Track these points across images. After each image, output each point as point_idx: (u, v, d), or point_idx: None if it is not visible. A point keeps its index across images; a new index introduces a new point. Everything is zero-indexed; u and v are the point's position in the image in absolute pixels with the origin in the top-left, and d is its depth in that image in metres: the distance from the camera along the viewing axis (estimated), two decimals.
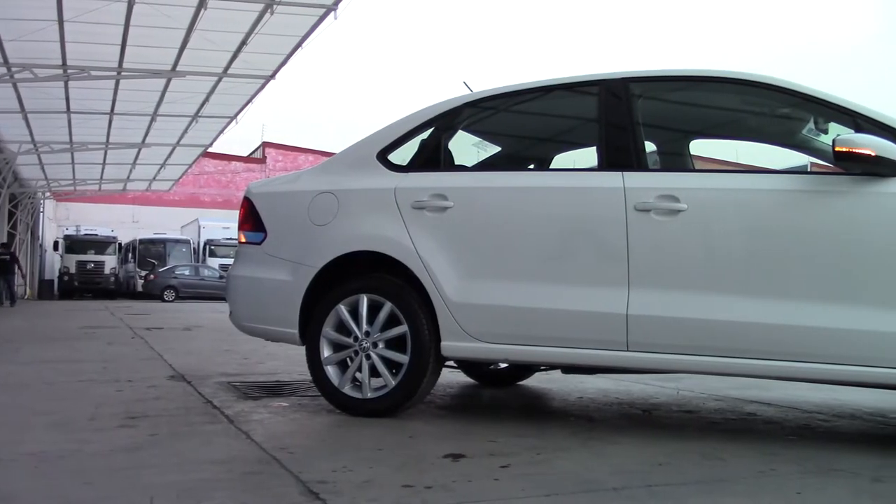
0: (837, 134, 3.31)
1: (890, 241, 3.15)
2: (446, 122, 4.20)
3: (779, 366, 3.27)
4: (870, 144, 3.13)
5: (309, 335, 4.06)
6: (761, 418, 4.06)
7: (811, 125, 3.91)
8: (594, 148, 3.97)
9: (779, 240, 3.32)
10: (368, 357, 3.90)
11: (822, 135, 3.85)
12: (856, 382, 3.28)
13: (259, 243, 4.35)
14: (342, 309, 3.98)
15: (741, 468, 2.92)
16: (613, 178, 3.60)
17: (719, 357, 3.34)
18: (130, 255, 34.79)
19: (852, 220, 3.23)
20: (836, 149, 3.18)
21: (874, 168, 3.17)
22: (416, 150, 4.22)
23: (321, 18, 14.24)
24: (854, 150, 3.14)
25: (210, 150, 27.67)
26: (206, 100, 19.28)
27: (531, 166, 4.96)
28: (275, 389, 4.89)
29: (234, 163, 43.82)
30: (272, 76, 17.53)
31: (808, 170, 4.17)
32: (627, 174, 3.59)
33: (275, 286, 4.19)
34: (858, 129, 3.31)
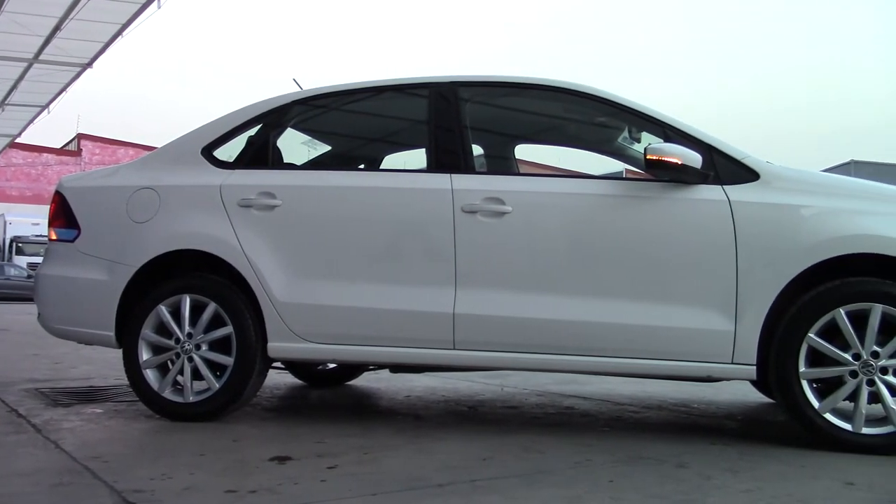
0: (649, 143, 3.53)
1: (694, 243, 3.39)
2: (275, 119, 4.13)
3: (596, 361, 3.44)
4: (677, 153, 3.36)
5: (126, 337, 3.87)
6: (578, 411, 4.26)
7: (626, 134, 4.16)
8: (423, 149, 4.03)
9: (596, 241, 3.50)
10: (191, 359, 3.77)
11: (636, 143, 4.10)
12: (667, 376, 3.51)
13: (72, 241, 4.10)
14: (163, 310, 3.82)
15: (559, 460, 3.05)
16: (441, 180, 3.67)
17: (541, 354, 3.48)
18: None
19: (661, 223, 3.45)
20: (647, 157, 3.38)
21: (680, 176, 3.40)
22: (243, 146, 4.12)
23: (143, 6, 13.62)
24: (663, 159, 3.35)
25: (18, 140, 25.80)
26: (15, 87, 17.97)
27: (361, 166, 4.97)
28: (88, 395, 4.61)
29: (45, 155, 40.97)
30: (89, 64, 16.58)
31: (623, 176, 4.42)
32: (455, 176, 3.67)
33: (89, 286, 3.97)
34: (668, 139, 3.54)
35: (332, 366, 5.17)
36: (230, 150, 4.11)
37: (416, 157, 4.27)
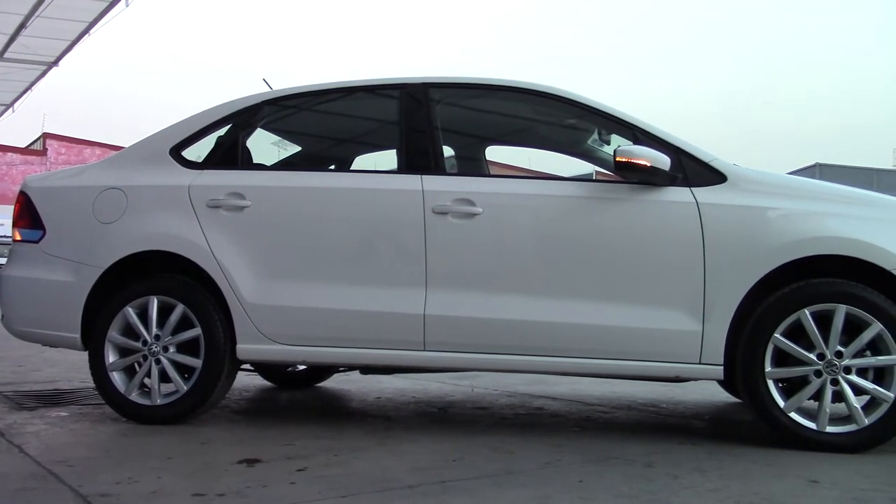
0: (618, 145, 3.56)
1: (662, 244, 3.42)
2: (244, 119, 4.10)
3: (566, 362, 3.46)
4: (646, 156, 3.38)
5: (92, 340, 3.83)
6: (548, 412, 4.28)
7: (595, 136, 4.18)
8: (394, 150, 4.02)
9: (566, 243, 3.51)
10: (158, 361, 3.73)
11: (605, 145, 4.13)
12: (636, 376, 3.54)
13: (36, 241, 4.03)
14: (130, 311, 3.78)
15: (529, 460, 3.06)
16: (412, 181, 3.67)
17: (511, 355, 3.49)
18: None
19: (630, 225, 3.47)
20: (617, 159, 3.41)
21: (649, 178, 3.43)
22: (212, 147, 4.09)
23: (111, 4, 13.47)
24: (632, 161, 3.38)
25: None
26: None
27: (332, 167, 4.95)
28: (53, 398, 4.55)
29: (9, 154, 40.30)
30: (55, 63, 16.39)
31: (593, 178, 4.45)
32: (426, 177, 3.67)
33: (54, 287, 3.91)
34: (637, 141, 3.56)
35: (301, 367, 5.14)
36: (199, 151, 4.07)
37: (387, 159, 4.27)
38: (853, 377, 3.21)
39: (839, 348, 3.21)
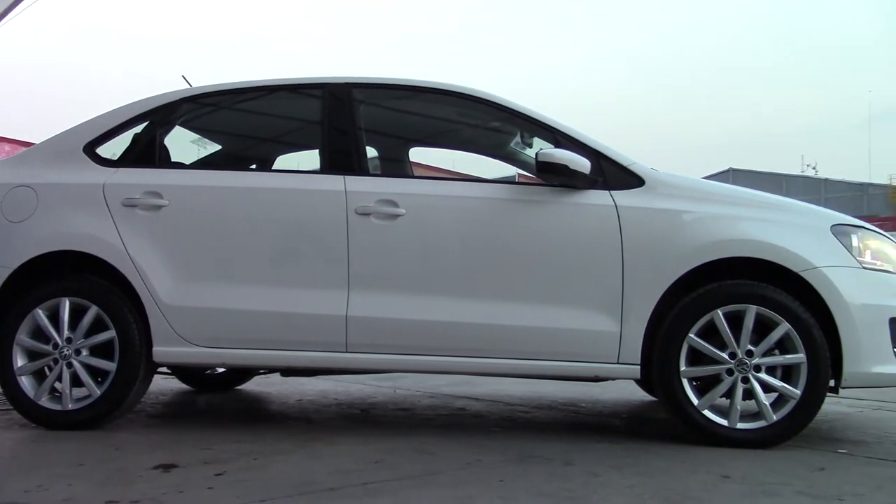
0: (540, 148, 3.61)
1: (582, 246, 3.48)
2: (162, 116, 4.00)
3: (487, 363, 3.49)
4: (567, 159, 3.44)
5: (0, 343, 3.68)
6: (470, 412, 4.30)
7: (518, 139, 4.23)
8: (317, 150, 3.99)
9: (488, 244, 3.54)
10: (70, 365, 3.62)
11: (528, 148, 4.18)
12: (556, 376, 3.59)
13: None
14: (40, 313, 3.66)
15: (450, 461, 3.08)
16: (335, 182, 3.64)
17: (434, 356, 3.50)
18: None
19: (551, 227, 3.52)
20: (538, 162, 3.46)
21: (570, 181, 3.48)
22: (128, 144, 3.98)
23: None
24: (553, 164, 3.43)
25: None
26: None
27: (253, 166, 4.88)
28: None
29: None
30: None
31: (516, 180, 4.50)
32: (349, 178, 3.65)
33: None
34: (558, 145, 3.62)
35: (220, 370, 5.05)
36: (114, 148, 3.96)
37: (310, 158, 4.23)
38: (763, 375, 3.32)
39: (750, 347, 3.32)
